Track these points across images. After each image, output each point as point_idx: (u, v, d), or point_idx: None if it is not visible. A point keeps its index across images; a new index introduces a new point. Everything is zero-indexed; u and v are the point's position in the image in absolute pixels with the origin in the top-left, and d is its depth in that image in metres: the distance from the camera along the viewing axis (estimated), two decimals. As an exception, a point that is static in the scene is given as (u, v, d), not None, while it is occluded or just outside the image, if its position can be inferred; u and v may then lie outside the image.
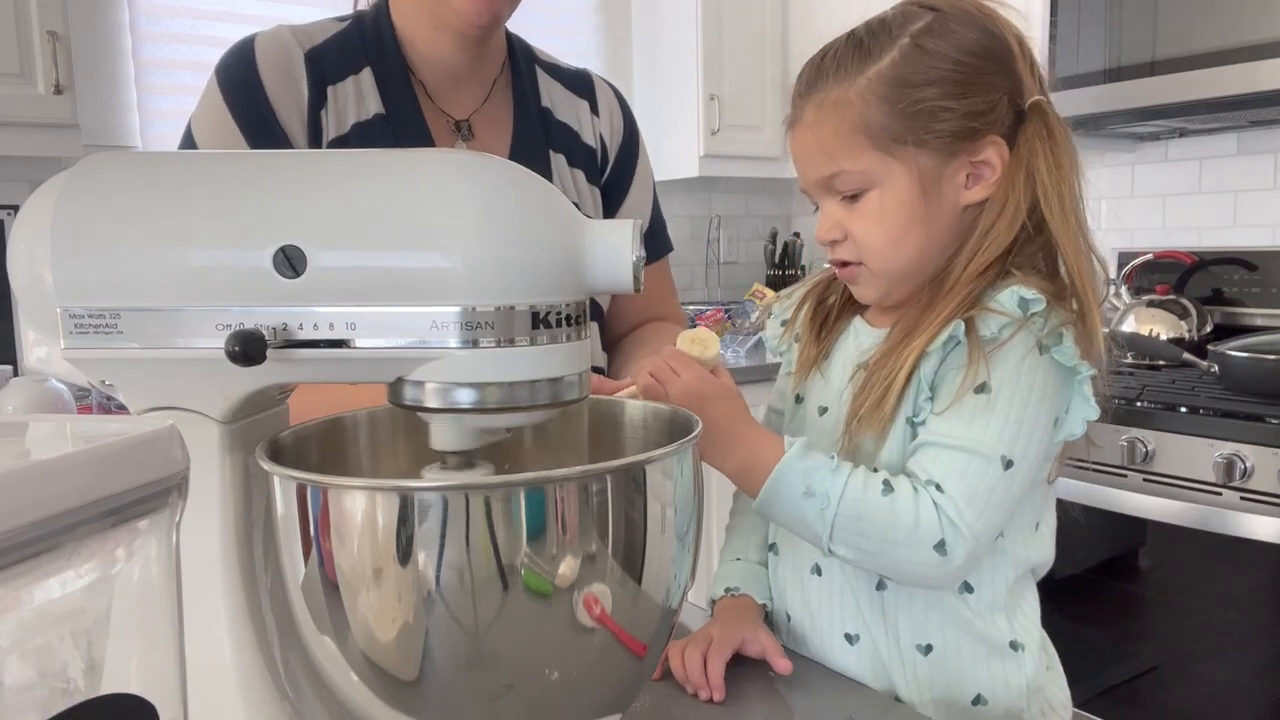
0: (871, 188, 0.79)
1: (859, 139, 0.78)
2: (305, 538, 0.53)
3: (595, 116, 1.12)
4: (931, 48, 0.77)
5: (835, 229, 0.81)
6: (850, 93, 0.78)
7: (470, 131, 1.04)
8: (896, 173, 0.78)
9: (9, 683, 0.30)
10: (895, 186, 0.78)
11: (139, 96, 2.42)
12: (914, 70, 0.77)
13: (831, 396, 0.87)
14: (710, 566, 0.93)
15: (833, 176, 0.79)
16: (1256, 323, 2.18)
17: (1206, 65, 1.89)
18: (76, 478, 0.31)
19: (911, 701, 0.82)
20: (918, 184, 0.78)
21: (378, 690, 0.54)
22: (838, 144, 0.78)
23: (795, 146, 0.83)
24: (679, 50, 2.97)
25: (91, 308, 0.53)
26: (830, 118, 0.79)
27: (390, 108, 0.99)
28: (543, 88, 1.10)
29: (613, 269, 0.54)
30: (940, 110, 0.76)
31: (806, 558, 0.87)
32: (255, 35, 0.98)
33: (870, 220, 0.79)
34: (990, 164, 0.78)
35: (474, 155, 0.56)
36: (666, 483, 0.55)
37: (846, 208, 0.80)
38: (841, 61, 0.79)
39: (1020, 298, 0.75)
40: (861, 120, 0.77)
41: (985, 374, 0.75)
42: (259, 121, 0.95)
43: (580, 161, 1.09)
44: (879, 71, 0.77)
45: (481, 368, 0.52)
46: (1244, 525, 1.62)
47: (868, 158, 0.78)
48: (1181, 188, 2.39)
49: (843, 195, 0.80)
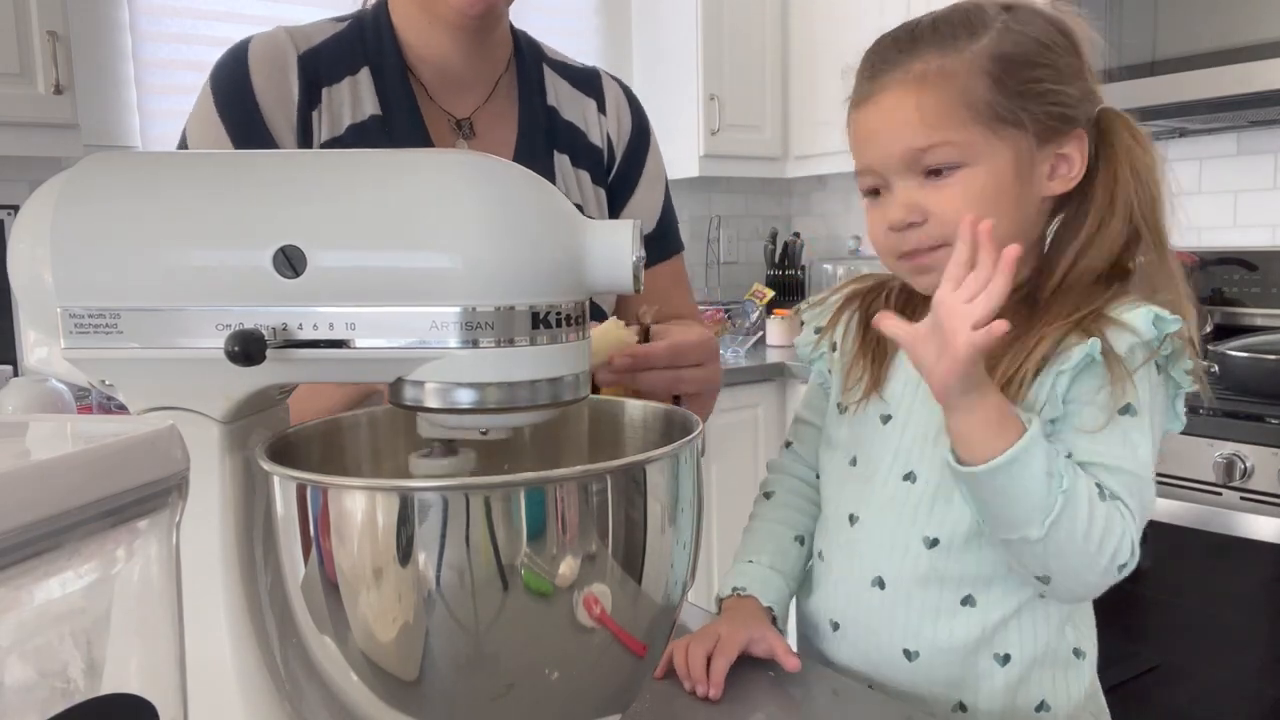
0: (967, 164, 0.76)
1: (964, 112, 0.75)
2: (305, 538, 0.53)
3: (602, 115, 1.11)
4: (1030, 32, 0.76)
5: (915, 210, 0.77)
6: (957, 63, 0.75)
7: (472, 130, 1.03)
8: (998, 151, 0.75)
9: (9, 683, 0.30)
10: (994, 165, 0.76)
11: (139, 96, 2.42)
12: (1020, 49, 0.75)
13: (896, 404, 0.85)
14: (710, 567, 0.92)
15: (928, 149, 0.76)
16: (1256, 323, 2.18)
17: (1206, 65, 1.89)
18: (76, 478, 0.31)
19: (977, 710, 0.82)
20: (1013, 167, 0.76)
21: (378, 690, 0.54)
22: (942, 114, 0.75)
23: (875, 118, 0.78)
24: (679, 50, 2.97)
25: (91, 308, 0.53)
26: (935, 87, 0.75)
27: (387, 109, 0.98)
28: (549, 86, 1.09)
29: (613, 269, 0.54)
30: (1049, 93, 0.75)
31: (868, 568, 0.84)
32: (252, 37, 0.98)
33: (960, 198, 0.76)
34: (1070, 159, 0.78)
35: (474, 155, 0.56)
36: (666, 483, 0.56)
37: (929, 186, 0.77)
38: (941, 32, 0.77)
39: (1156, 316, 0.73)
40: (969, 92, 0.75)
41: (1131, 394, 0.74)
42: (245, 123, 0.94)
43: (585, 162, 1.08)
44: (984, 47, 0.75)
45: (481, 368, 0.52)
46: (1244, 525, 1.62)
47: (973, 131, 0.75)
48: (1181, 188, 2.39)
49: (928, 171, 0.76)
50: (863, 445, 0.87)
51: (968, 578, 0.81)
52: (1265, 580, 1.62)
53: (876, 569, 0.83)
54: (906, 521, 0.82)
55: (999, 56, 0.75)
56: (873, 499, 0.85)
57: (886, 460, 0.84)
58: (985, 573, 0.80)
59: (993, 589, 0.81)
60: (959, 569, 0.81)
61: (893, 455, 0.84)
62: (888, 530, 0.83)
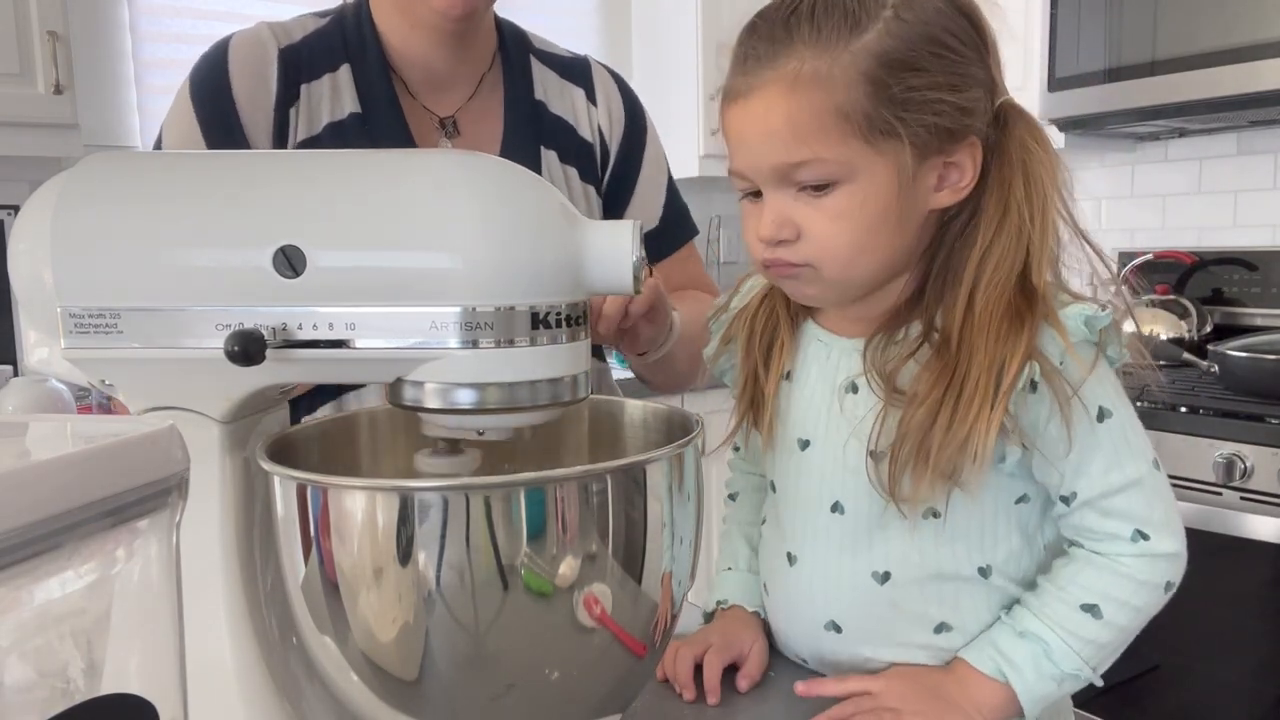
0: (845, 181, 0.67)
1: (840, 125, 0.66)
2: (305, 538, 0.53)
3: (592, 106, 1.08)
4: (921, 24, 0.67)
5: (787, 226, 0.69)
6: (834, 66, 0.65)
7: (456, 129, 1.02)
8: (877, 167, 0.67)
9: (9, 683, 0.30)
10: (874, 182, 0.67)
11: (139, 96, 2.42)
12: (907, 48, 0.66)
13: (814, 428, 0.76)
14: (710, 567, 0.92)
15: (799, 164, 0.67)
16: (1256, 323, 2.18)
17: (1206, 65, 1.89)
18: (76, 478, 0.31)
19: None
20: (895, 183, 0.67)
21: (378, 690, 0.54)
22: (814, 127, 0.66)
23: (745, 123, 0.69)
24: (679, 50, 2.97)
25: (91, 308, 0.53)
26: (806, 95, 0.66)
27: (368, 107, 0.97)
28: (536, 79, 1.06)
29: (612, 270, 0.54)
30: (935, 102, 0.67)
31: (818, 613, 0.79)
32: (234, 34, 0.97)
33: (836, 219, 0.68)
34: (961, 167, 0.69)
35: (474, 156, 0.56)
36: (666, 483, 0.56)
37: (804, 202, 0.68)
38: (821, 25, 0.66)
39: (1086, 317, 0.68)
40: (847, 102, 0.66)
41: (1095, 400, 0.69)
42: (219, 120, 0.93)
43: (574, 158, 1.06)
44: (867, 46, 0.65)
45: (481, 368, 0.52)
46: (1244, 525, 1.62)
47: (849, 146, 0.66)
48: (1181, 188, 2.39)
49: (802, 187, 0.68)
50: (780, 473, 0.79)
51: (941, 609, 0.74)
52: (1265, 580, 1.62)
53: (828, 613, 0.77)
54: (847, 556, 0.75)
55: (882, 57, 0.66)
56: (805, 532, 0.77)
57: (812, 489, 0.76)
58: (962, 599, 0.74)
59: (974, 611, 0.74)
60: (920, 605, 0.74)
61: (817, 483, 0.76)
62: (830, 569, 0.76)
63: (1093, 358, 0.69)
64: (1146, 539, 0.70)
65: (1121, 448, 0.70)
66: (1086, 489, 0.71)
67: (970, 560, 0.73)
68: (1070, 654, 0.70)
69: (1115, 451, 0.70)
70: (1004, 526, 0.73)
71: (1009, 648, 0.71)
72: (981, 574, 0.73)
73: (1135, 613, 0.71)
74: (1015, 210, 0.69)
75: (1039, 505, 0.74)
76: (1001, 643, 0.71)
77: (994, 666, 0.71)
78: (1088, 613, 0.70)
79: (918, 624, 0.75)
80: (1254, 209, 2.28)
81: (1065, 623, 0.70)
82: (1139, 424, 0.72)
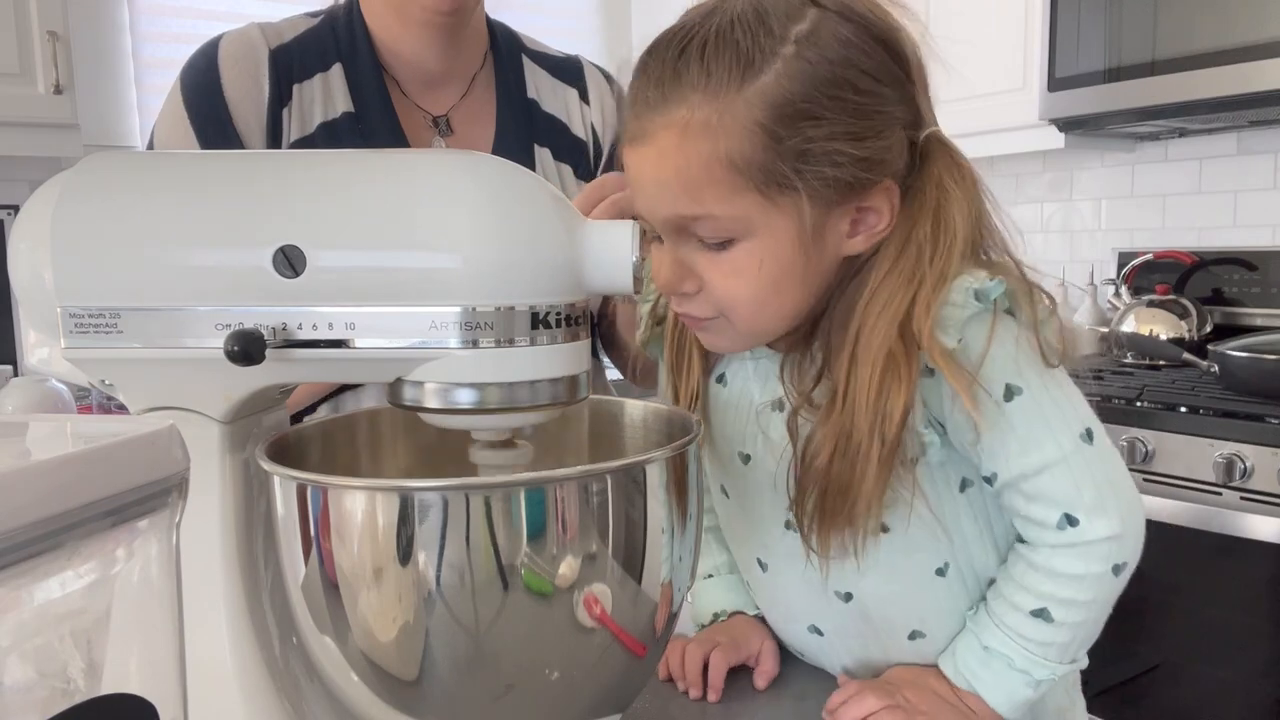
0: (742, 238, 0.63)
1: (734, 178, 0.61)
2: (305, 538, 0.53)
3: (585, 104, 1.08)
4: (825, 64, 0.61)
5: (688, 279, 0.65)
6: (725, 116, 0.60)
7: (449, 127, 1.02)
8: (777, 222, 0.62)
9: (9, 683, 0.30)
10: (774, 238, 0.63)
11: (139, 96, 2.42)
12: (808, 92, 0.60)
13: (751, 444, 0.73)
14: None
15: (694, 219, 0.63)
16: (1256, 323, 2.18)
17: (1206, 65, 1.89)
18: (76, 478, 0.31)
19: None
20: (798, 238, 0.62)
21: (378, 690, 0.54)
22: (705, 180, 0.61)
23: (639, 169, 0.64)
24: (679, 50, 2.97)
25: (91, 308, 0.53)
26: (696, 146, 0.61)
27: (360, 106, 0.97)
28: (529, 78, 1.06)
29: (612, 269, 0.54)
30: (835, 154, 0.61)
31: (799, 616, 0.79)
32: (224, 34, 0.97)
33: (736, 276, 0.63)
34: (879, 211, 0.64)
35: (474, 155, 0.56)
36: (666, 483, 0.56)
37: (704, 254, 0.64)
38: (711, 68, 0.60)
39: (974, 290, 0.63)
40: (739, 154, 0.60)
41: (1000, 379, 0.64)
42: (213, 120, 0.93)
43: (567, 156, 1.05)
44: (761, 91, 0.60)
45: (481, 368, 0.52)
46: (1244, 525, 1.62)
47: (744, 201, 0.61)
48: (1181, 188, 2.38)
49: (700, 241, 0.64)
50: (730, 481, 0.76)
51: (908, 618, 0.74)
52: (1265, 580, 1.62)
53: (808, 618, 0.77)
54: (811, 571, 0.72)
55: (776, 106, 0.60)
56: (766, 543, 0.76)
57: (764, 503, 0.73)
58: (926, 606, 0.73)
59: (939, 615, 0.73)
60: (889, 616, 0.74)
61: (770, 497, 0.72)
62: (797, 581, 0.75)
63: (987, 331, 0.63)
64: (1075, 524, 0.66)
65: (1037, 426, 0.65)
66: (1005, 471, 0.66)
67: (929, 564, 0.72)
68: (1035, 660, 0.68)
69: (1029, 431, 0.65)
70: (952, 519, 0.70)
71: (976, 664, 0.70)
72: (939, 574, 0.72)
73: (1087, 606, 0.67)
74: (914, 252, 0.64)
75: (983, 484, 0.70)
76: (969, 659, 0.71)
77: (965, 682, 0.70)
78: (1039, 618, 0.68)
79: (892, 633, 0.75)
80: (1254, 209, 2.28)
81: (1022, 630, 0.68)
82: (1064, 395, 0.66)
